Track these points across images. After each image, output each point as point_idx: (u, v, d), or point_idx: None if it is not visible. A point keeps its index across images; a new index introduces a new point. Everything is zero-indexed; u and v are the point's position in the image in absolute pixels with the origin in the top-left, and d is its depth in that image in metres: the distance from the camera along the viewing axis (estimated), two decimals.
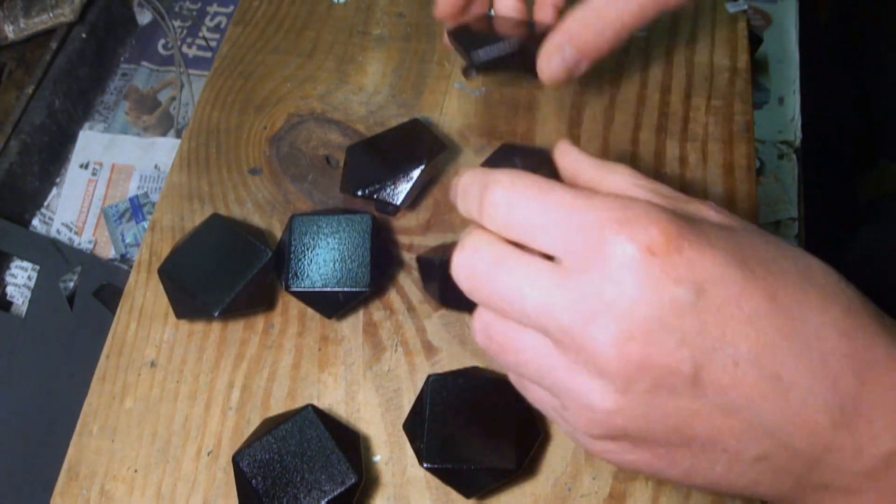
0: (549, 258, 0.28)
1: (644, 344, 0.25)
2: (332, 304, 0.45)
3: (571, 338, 0.26)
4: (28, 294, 0.67)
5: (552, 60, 0.41)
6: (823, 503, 0.27)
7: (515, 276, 0.27)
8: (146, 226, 0.59)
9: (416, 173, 0.48)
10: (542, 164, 0.41)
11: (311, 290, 0.44)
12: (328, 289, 0.44)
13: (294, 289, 0.44)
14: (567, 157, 0.34)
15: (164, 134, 0.77)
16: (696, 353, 0.25)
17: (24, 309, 0.66)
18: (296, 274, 0.44)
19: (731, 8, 0.59)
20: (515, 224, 0.28)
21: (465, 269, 0.29)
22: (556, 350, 0.27)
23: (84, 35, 0.77)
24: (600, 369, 0.26)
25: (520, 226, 0.28)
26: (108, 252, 0.70)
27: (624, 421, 0.27)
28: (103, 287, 0.64)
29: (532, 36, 0.44)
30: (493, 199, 0.28)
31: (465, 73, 0.45)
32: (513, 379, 0.33)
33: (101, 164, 0.75)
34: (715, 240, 0.26)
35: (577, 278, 0.26)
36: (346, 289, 0.44)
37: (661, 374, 0.25)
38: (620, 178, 0.31)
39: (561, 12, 0.46)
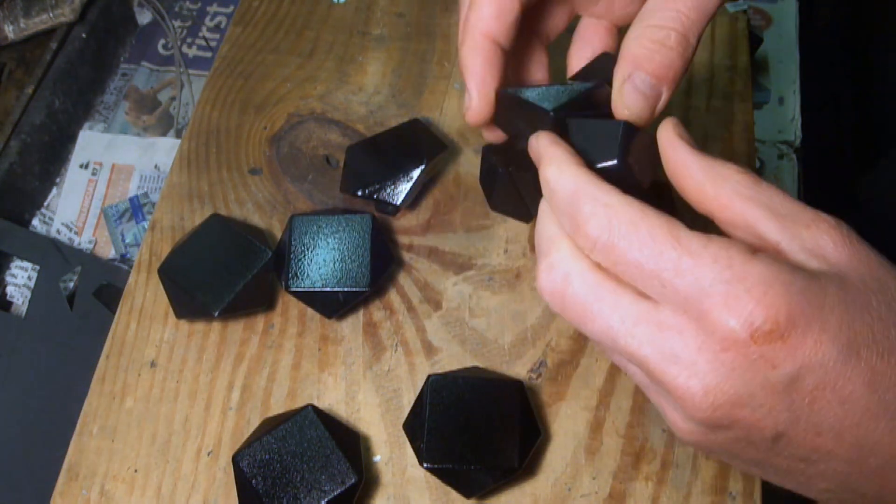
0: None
1: (731, 409, 0.25)
2: (332, 304, 0.45)
3: (661, 383, 0.27)
4: (28, 294, 0.67)
5: (628, 95, 0.33)
6: None
7: (609, 317, 0.28)
8: (146, 226, 0.59)
9: (416, 173, 0.48)
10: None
11: (311, 290, 0.44)
12: (328, 289, 0.44)
13: (294, 289, 0.44)
14: (673, 152, 0.29)
15: (164, 134, 0.77)
16: (781, 423, 0.25)
17: (24, 309, 0.66)
18: (296, 274, 0.44)
19: (731, 8, 0.59)
20: (611, 262, 0.27)
21: (556, 295, 0.29)
22: (646, 375, 0.28)
23: (84, 35, 0.77)
24: (686, 414, 0.27)
25: (615, 266, 0.27)
26: (108, 252, 0.70)
27: (700, 444, 0.28)
28: (103, 287, 0.64)
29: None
30: (589, 231, 0.28)
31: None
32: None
33: (101, 164, 0.75)
34: (828, 313, 0.25)
35: (673, 334, 0.26)
36: (346, 289, 0.44)
37: (743, 432, 0.26)
38: (731, 189, 0.28)
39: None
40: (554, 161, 0.30)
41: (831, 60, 0.94)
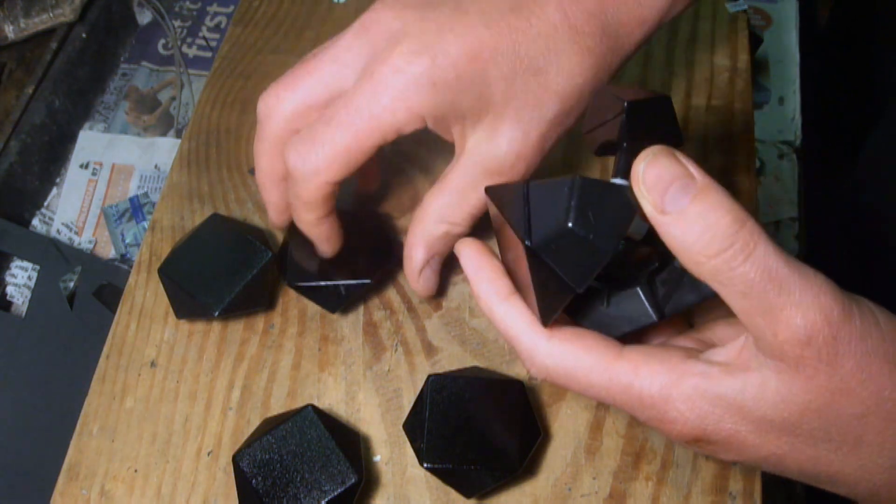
0: None
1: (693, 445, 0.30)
2: (334, 299, 0.45)
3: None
4: (28, 294, 0.67)
5: (428, 276, 0.42)
6: None
7: (593, 390, 0.31)
8: (146, 226, 0.59)
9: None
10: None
11: (313, 284, 0.44)
12: (330, 282, 0.44)
13: (296, 284, 0.44)
14: (657, 225, 0.27)
15: (164, 134, 0.77)
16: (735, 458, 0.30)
17: (24, 309, 0.66)
18: (297, 268, 0.44)
19: (731, 8, 0.59)
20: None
21: (550, 379, 0.32)
22: None
23: (84, 35, 0.77)
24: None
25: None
26: (108, 252, 0.70)
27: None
28: (103, 287, 0.64)
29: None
30: (532, 371, 0.32)
31: None
32: None
33: (101, 164, 0.75)
34: (740, 417, 0.27)
35: (645, 410, 0.30)
36: (347, 281, 0.44)
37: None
38: (709, 270, 0.26)
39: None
40: (481, 297, 0.33)
41: (831, 60, 0.94)
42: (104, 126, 0.78)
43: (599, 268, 0.28)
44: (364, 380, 0.45)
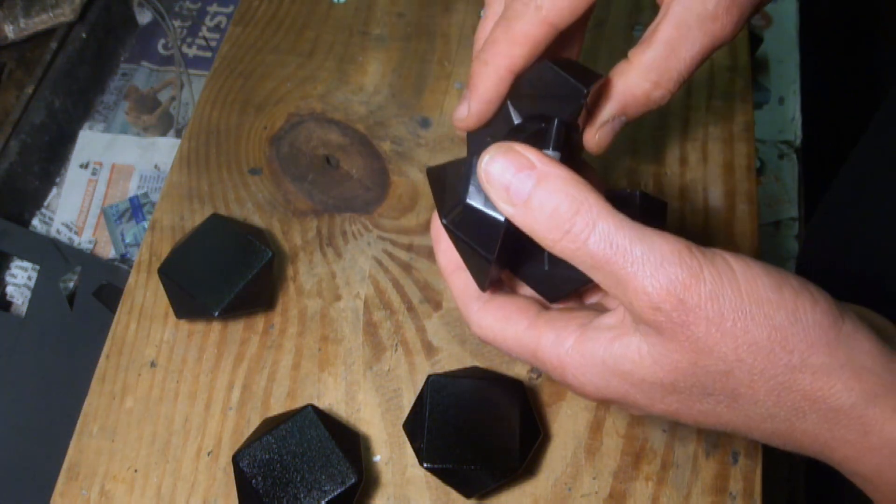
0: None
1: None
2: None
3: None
4: (28, 294, 0.67)
5: (605, 136, 0.37)
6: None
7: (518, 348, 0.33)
8: (146, 226, 0.59)
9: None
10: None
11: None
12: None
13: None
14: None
15: (164, 134, 0.77)
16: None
17: (24, 309, 0.66)
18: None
19: None
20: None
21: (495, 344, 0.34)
22: None
23: (84, 35, 0.77)
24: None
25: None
26: (108, 252, 0.70)
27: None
28: (103, 287, 0.64)
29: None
30: (475, 333, 0.34)
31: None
32: None
33: (101, 164, 0.75)
34: (624, 381, 0.29)
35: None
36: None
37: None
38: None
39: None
40: (440, 267, 0.35)
41: (831, 60, 0.94)
42: (104, 126, 0.78)
43: (499, 236, 0.30)
44: (364, 380, 0.45)
